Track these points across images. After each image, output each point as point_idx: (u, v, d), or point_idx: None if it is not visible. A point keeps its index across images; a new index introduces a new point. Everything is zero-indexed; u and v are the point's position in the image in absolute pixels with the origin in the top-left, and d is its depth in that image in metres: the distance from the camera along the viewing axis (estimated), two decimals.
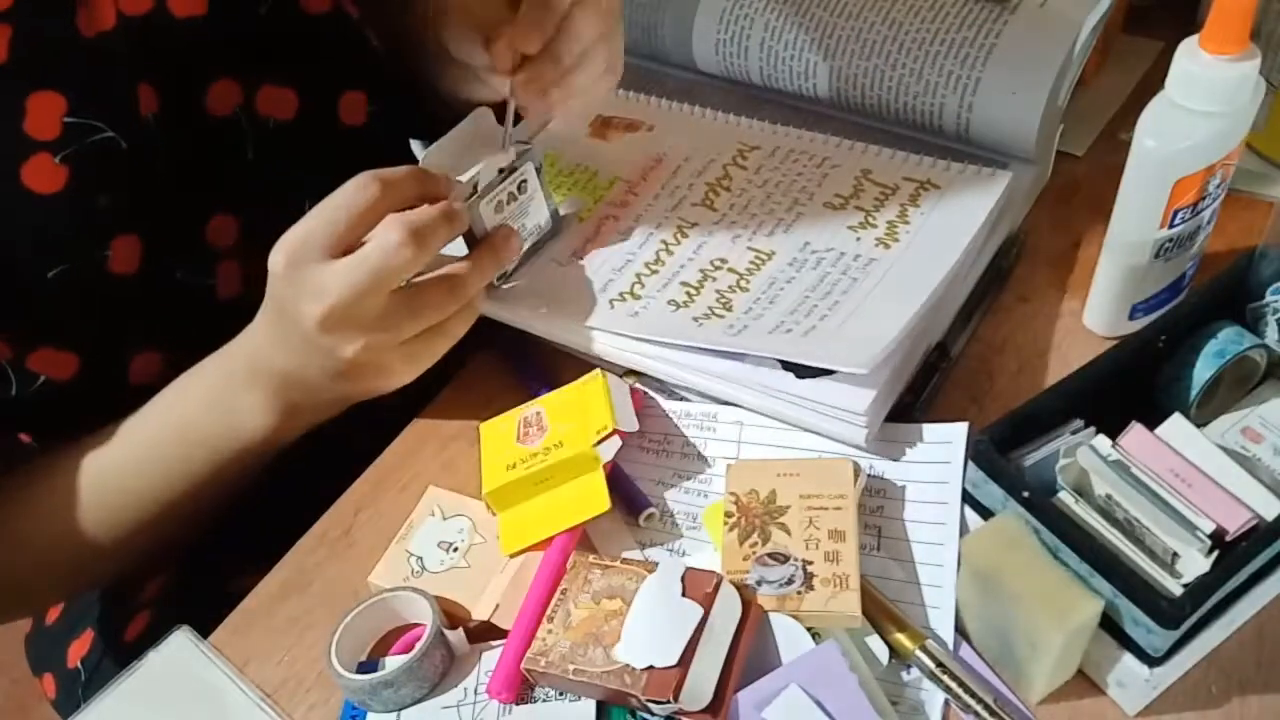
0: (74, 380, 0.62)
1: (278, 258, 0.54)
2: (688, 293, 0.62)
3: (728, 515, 0.53)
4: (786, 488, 0.53)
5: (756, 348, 0.57)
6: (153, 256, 0.62)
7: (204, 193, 0.65)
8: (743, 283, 0.62)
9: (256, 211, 0.67)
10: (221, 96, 0.64)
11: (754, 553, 0.51)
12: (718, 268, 0.63)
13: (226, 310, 0.63)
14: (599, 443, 0.56)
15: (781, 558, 0.51)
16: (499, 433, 0.60)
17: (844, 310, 0.58)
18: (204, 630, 0.58)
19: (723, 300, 0.61)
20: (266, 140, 0.66)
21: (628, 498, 0.58)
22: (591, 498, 0.55)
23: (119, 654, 0.72)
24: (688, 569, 0.50)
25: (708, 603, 0.48)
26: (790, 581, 0.50)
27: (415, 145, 0.72)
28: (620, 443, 0.56)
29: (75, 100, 0.57)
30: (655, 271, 0.64)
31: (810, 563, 0.50)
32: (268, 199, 0.65)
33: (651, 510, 0.57)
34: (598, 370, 0.60)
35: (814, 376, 0.56)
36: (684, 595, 0.48)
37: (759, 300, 0.61)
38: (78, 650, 0.75)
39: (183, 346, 0.63)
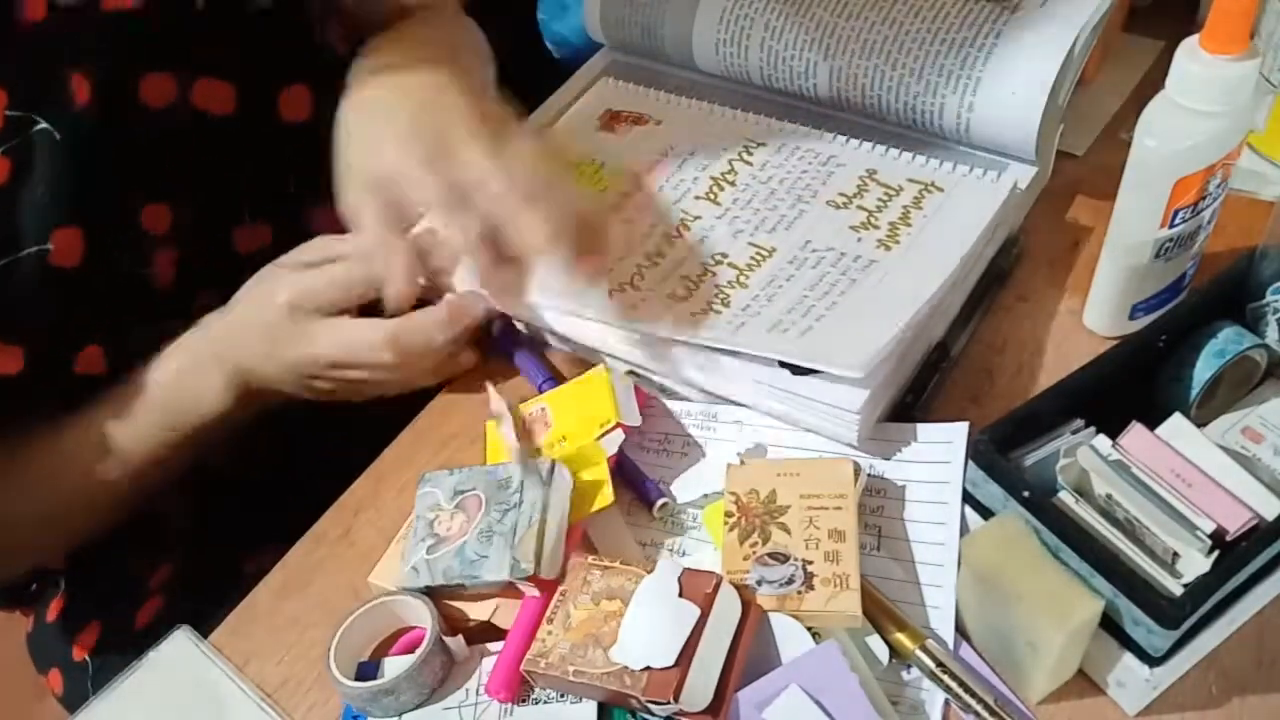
0: (20, 375, 0.62)
1: (281, 298, 0.59)
2: (687, 286, 0.62)
3: (728, 515, 0.53)
4: (787, 488, 0.53)
5: (754, 347, 0.57)
6: (94, 247, 0.62)
7: (142, 182, 0.65)
8: (742, 278, 0.62)
9: (192, 200, 0.67)
10: (156, 89, 0.64)
11: (754, 552, 0.51)
12: (718, 262, 0.63)
13: (162, 297, 0.65)
14: (602, 436, 0.56)
15: (782, 557, 0.50)
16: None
17: (841, 311, 0.58)
18: (212, 617, 0.58)
19: (721, 296, 0.61)
20: (204, 133, 0.66)
21: (640, 489, 0.58)
22: (596, 491, 0.55)
23: (129, 643, 0.72)
24: (686, 569, 0.50)
25: (706, 603, 0.48)
26: (790, 581, 0.50)
27: None
28: (623, 436, 0.56)
29: (14, 93, 0.58)
30: (656, 264, 0.64)
31: (810, 562, 0.50)
32: (204, 189, 0.66)
33: (665, 500, 0.57)
34: (601, 365, 0.60)
35: (808, 373, 0.56)
36: (681, 596, 0.48)
37: (757, 297, 0.61)
38: (85, 643, 0.75)
39: (122, 335, 0.64)
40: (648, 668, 0.46)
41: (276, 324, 0.60)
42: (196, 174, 0.66)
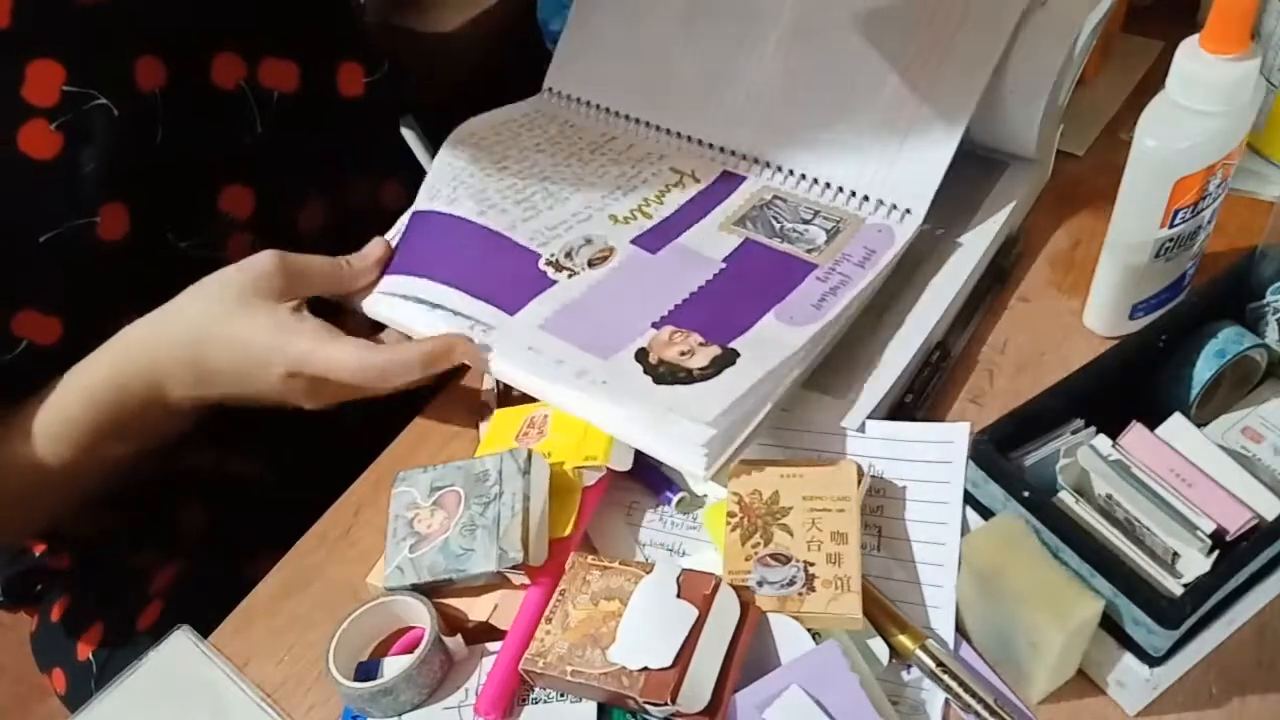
0: (56, 346, 0.62)
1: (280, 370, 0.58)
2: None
3: (730, 515, 0.53)
4: (789, 489, 0.53)
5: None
6: (143, 225, 0.63)
7: (214, 165, 0.66)
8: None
9: (269, 184, 0.68)
10: (226, 69, 0.65)
11: (756, 553, 0.51)
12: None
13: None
14: (584, 467, 0.55)
15: (783, 558, 0.50)
16: (505, 423, 0.60)
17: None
18: (215, 618, 0.58)
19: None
20: (273, 113, 0.67)
21: (653, 484, 0.58)
22: (560, 517, 0.54)
23: (131, 645, 0.73)
24: (685, 570, 0.50)
25: (705, 604, 0.48)
26: (792, 583, 0.50)
27: (405, 130, 0.73)
28: (605, 473, 0.56)
29: (73, 69, 0.58)
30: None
31: (812, 564, 0.50)
32: (279, 171, 0.66)
33: (683, 494, 0.57)
34: None
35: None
36: (680, 596, 0.48)
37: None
38: (88, 643, 0.75)
39: None
40: (645, 668, 0.46)
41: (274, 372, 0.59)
42: (270, 155, 0.68)
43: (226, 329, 0.58)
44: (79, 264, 0.62)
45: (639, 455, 0.57)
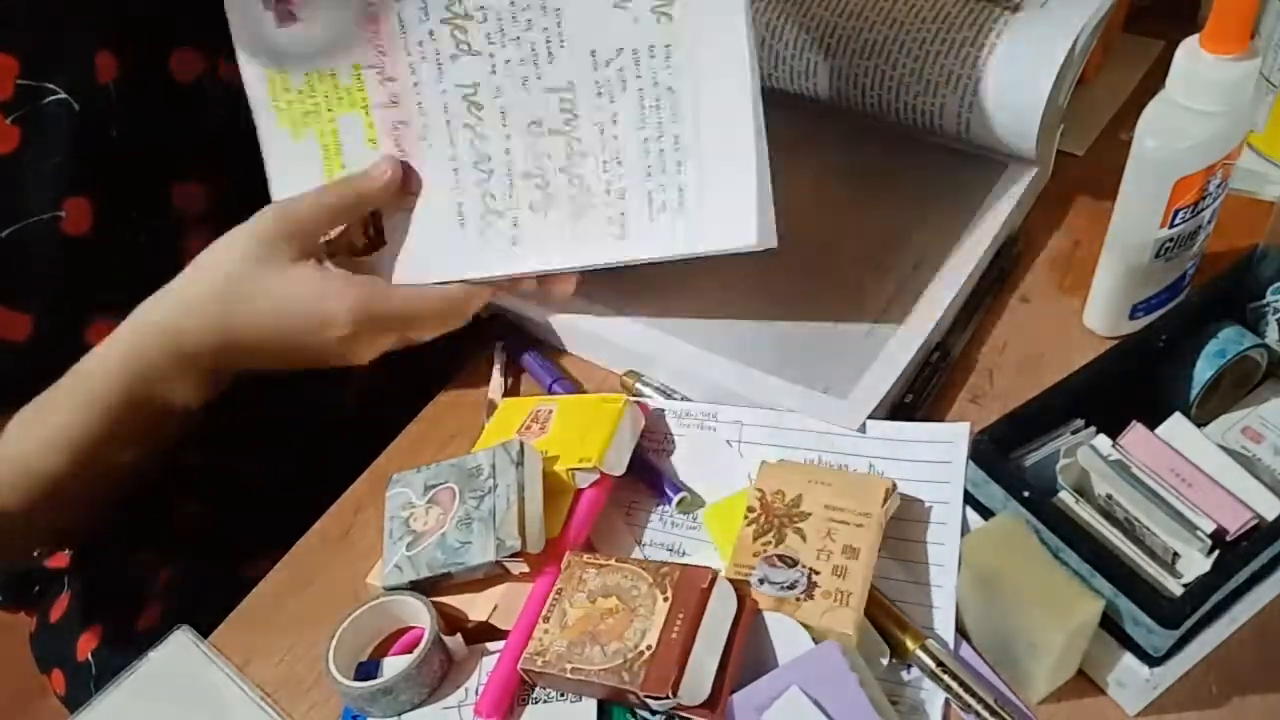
0: (28, 343, 0.62)
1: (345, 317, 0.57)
2: (537, 185, 0.58)
3: (750, 510, 0.53)
4: (813, 495, 0.53)
5: (648, 252, 0.56)
6: (108, 219, 0.62)
7: (170, 159, 0.65)
8: (574, 144, 0.57)
9: (225, 179, 0.67)
10: (184, 64, 0.65)
11: (764, 551, 0.51)
12: (539, 135, 0.57)
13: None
14: (578, 470, 0.55)
15: (790, 561, 0.50)
16: (511, 414, 0.60)
17: (688, 151, 0.55)
18: (215, 618, 0.58)
19: (574, 180, 0.57)
20: (232, 107, 0.66)
21: (656, 486, 0.58)
22: (550, 520, 0.54)
23: (131, 645, 0.73)
24: (683, 566, 0.50)
25: (702, 598, 0.48)
26: (793, 586, 0.49)
27: None
28: (598, 476, 0.56)
29: (27, 62, 0.58)
30: (489, 172, 0.59)
31: (817, 573, 0.50)
32: (236, 166, 0.66)
33: (684, 494, 0.57)
34: (624, 396, 0.59)
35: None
36: (670, 588, 0.48)
37: (606, 163, 0.57)
38: (88, 644, 0.75)
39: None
40: (646, 663, 0.46)
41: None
42: (229, 149, 0.67)
43: (261, 294, 0.57)
44: (45, 259, 0.61)
45: (637, 457, 0.57)
